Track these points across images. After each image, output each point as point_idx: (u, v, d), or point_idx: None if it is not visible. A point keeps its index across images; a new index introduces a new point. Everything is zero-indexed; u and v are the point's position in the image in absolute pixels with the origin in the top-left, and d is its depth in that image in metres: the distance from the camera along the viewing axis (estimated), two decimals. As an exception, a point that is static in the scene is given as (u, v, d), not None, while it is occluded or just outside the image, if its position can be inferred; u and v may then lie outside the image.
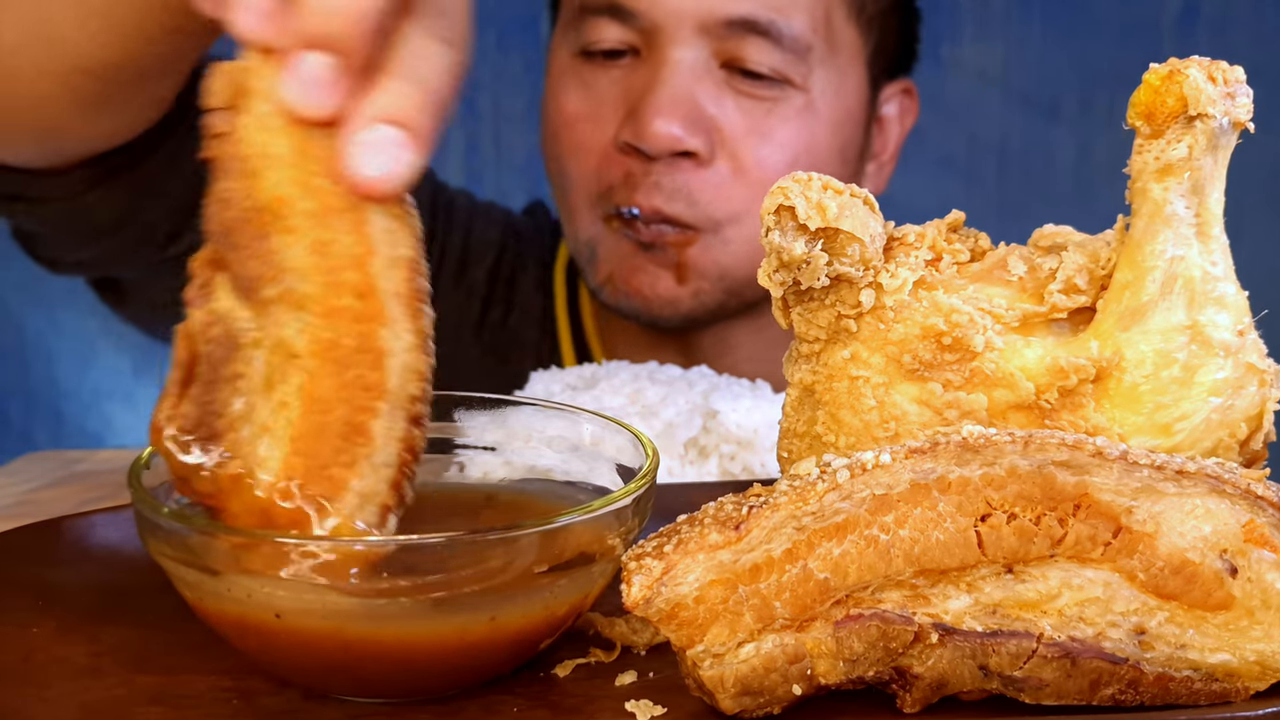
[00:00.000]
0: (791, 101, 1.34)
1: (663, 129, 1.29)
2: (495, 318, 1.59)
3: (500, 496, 0.80)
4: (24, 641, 0.72)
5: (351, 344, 0.62)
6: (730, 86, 1.33)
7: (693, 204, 1.32)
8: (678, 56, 1.30)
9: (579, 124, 1.37)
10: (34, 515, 1.01)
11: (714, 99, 1.32)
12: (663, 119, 1.29)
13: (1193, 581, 0.64)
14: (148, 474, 0.71)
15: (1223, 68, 0.69)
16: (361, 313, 0.62)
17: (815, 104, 1.35)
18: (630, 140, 1.32)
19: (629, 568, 0.64)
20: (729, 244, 1.35)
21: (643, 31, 1.32)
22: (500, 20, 2.60)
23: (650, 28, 1.31)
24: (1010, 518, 0.64)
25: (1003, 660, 0.64)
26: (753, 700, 0.64)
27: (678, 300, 1.37)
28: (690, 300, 1.38)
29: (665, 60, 1.31)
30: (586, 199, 1.38)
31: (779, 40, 1.31)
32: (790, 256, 0.70)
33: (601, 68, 1.36)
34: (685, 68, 1.31)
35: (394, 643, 0.65)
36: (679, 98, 1.30)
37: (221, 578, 0.64)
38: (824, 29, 1.35)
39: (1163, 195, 0.70)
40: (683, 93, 1.30)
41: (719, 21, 1.30)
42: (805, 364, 0.75)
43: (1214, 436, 0.71)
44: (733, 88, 1.33)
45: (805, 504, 0.64)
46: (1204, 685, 0.65)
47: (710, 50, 1.31)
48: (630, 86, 1.34)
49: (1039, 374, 0.71)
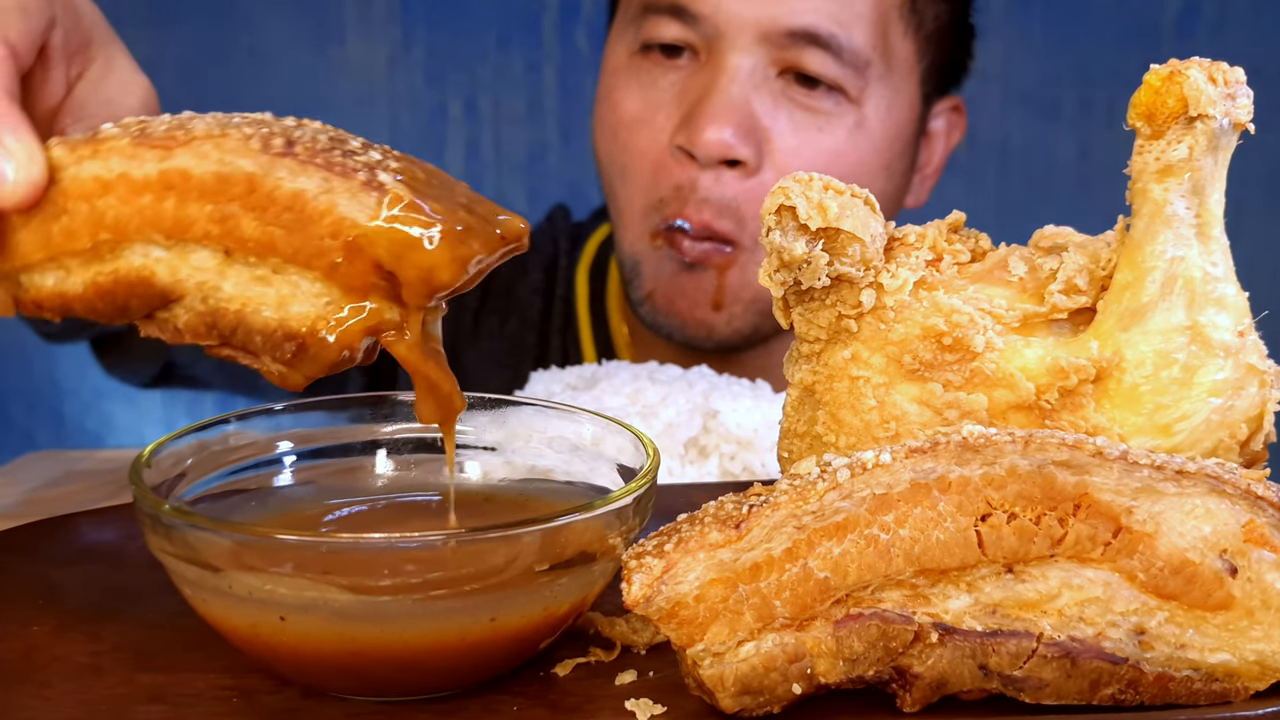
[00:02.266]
0: (844, 117, 1.34)
1: (714, 136, 1.29)
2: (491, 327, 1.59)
3: (500, 496, 0.80)
4: (25, 639, 0.72)
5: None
6: (786, 96, 1.33)
7: (739, 219, 1.33)
8: (736, 63, 1.31)
9: (636, 126, 1.38)
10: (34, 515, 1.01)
11: (769, 108, 1.32)
12: (716, 125, 1.29)
13: (1193, 581, 0.64)
14: (149, 472, 0.71)
15: (1223, 69, 0.69)
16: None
17: (867, 120, 1.36)
18: (683, 145, 1.33)
19: (629, 566, 0.64)
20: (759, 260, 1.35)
21: (704, 35, 1.33)
22: (500, 21, 2.60)
23: (712, 32, 1.32)
24: (1010, 517, 0.64)
25: (1003, 660, 0.64)
26: (753, 699, 0.64)
27: (713, 326, 1.39)
28: (724, 328, 1.39)
29: (724, 66, 1.31)
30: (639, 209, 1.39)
31: (839, 53, 1.32)
32: (791, 256, 0.70)
33: (659, 66, 1.36)
34: (744, 75, 1.31)
35: (394, 642, 0.65)
36: (734, 104, 1.30)
37: (222, 574, 0.64)
38: (882, 44, 1.35)
39: (1163, 196, 0.70)
40: (738, 100, 1.31)
41: (781, 31, 1.30)
42: (806, 364, 0.75)
43: (1214, 437, 0.71)
44: (788, 97, 1.33)
45: (805, 503, 0.64)
46: (1204, 685, 0.65)
47: (769, 58, 1.32)
48: (687, 89, 1.34)
49: (1039, 374, 0.71)
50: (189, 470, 0.75)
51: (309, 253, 0.66)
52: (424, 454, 0.82)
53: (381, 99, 2.64)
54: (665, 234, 1.36)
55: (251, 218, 0.66)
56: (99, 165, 0.67)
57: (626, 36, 1.40)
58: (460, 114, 2.65)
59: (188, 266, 0.68)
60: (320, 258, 0.66)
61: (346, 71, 2.64)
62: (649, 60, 1.37)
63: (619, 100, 1.39)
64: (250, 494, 0.78)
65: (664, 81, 1.36)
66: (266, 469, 0.79)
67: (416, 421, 0.77)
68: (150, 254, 0.68)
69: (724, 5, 1.30)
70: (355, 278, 0.66)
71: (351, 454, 0.81)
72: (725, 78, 1.31)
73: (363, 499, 0.79)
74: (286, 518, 0.77)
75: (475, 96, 2.64)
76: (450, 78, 2.64)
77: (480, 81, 2.63)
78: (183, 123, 0.68)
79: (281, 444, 0.80)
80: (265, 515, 0.77)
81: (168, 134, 0.67)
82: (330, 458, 0.81)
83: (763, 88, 1.32)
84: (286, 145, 0.66)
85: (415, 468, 0.82)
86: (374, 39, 2.63)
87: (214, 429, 0.77)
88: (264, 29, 2.63)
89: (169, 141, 0.67)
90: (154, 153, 0.67)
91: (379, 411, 0.82)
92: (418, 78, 2.65)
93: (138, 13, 2.62)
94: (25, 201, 0.68)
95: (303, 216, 0.66)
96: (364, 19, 2.63)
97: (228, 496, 0.77)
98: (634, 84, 1.38)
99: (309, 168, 0.66)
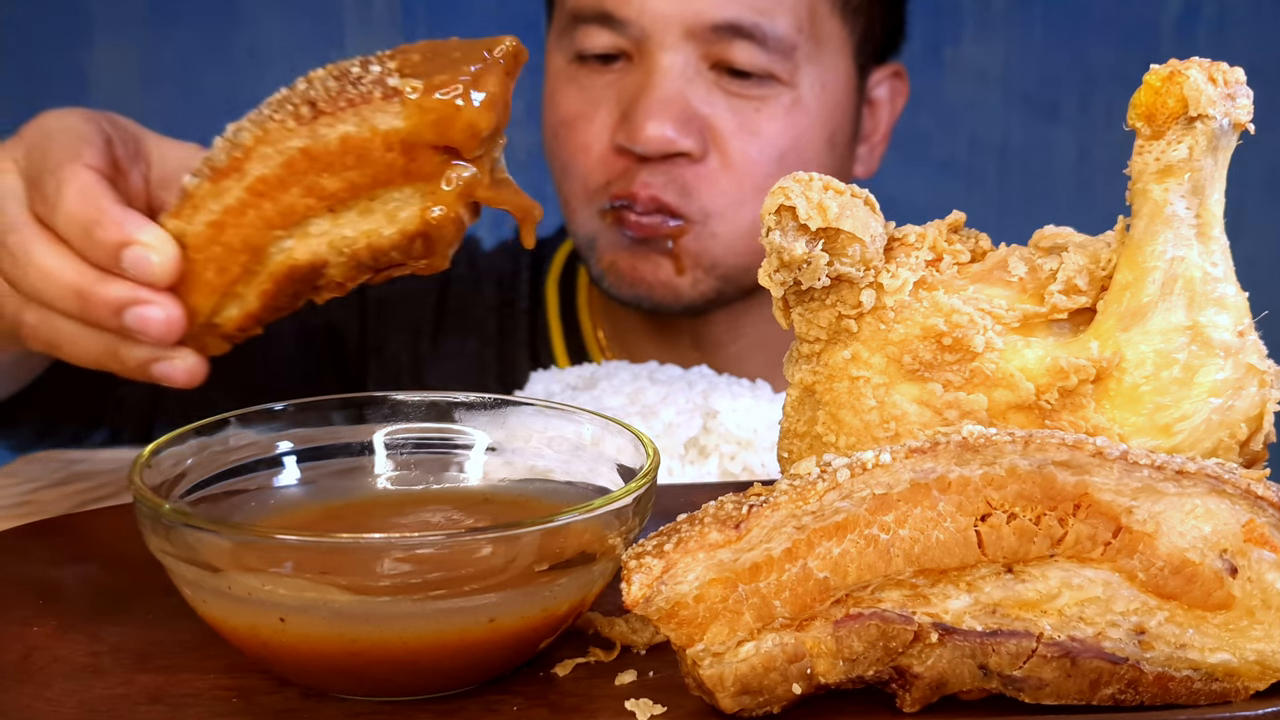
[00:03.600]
0: (780, 99, 1.37)
1: (655, 131, 1.32)
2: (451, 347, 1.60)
3: (500, 496, 0.80)
4: (24, 640, 0.72)
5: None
6: (720, 87, 1.36)
7: (686, 195, 1.36)
8: (667, 61, 1.34)
9: (576, 123, 1.41)
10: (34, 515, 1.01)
11: (705, 99, 1.35)
12: (655, 121, 1.32)
13: (1193, 581, 0.64)
14: (148, 472, 0.71)
15: (1223, 69, 0.69)
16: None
17: (803, 99, 1.39)
18: (624, 143, 1.35)
19: (629, 566, 0.64)
20: (716, 236, 1.38)
21: (632, 38, 1.36)
22: (500, 22, 2.60)
23: (639, 35, 1.35)
24: (1010, 517, 0.64)
25: (1002, 660, 0.64)
26: (752, 699, 0.64)
27: (678, 288, 1.41)
28: (690, 290, 1.41)
29: (655, 65, 1.34)
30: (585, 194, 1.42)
31: (764, 42, 1.34)
32: (791, 256, 0.70)
33: (596, 72, 1.40)
34: (675, 71, 1.34)
35: (394, 642, 0.65)
36: (670, 99, 1.33)
37: (222, 575, 0.64)
38: (809, 26, 1.38)
39: (1163, 196, 0.70)
40: (673, 94, 1.34)
41: (705, 26, 1.33)
42: (806, 364, 0.75)
43: (1214, 437, 0.71)
44: (722, 88, 1.36)
45: (805, 503, 0.64)
46: (1204, 685, 0.65)
47: (699, 53, 1.35)
48: (623, 90, 1.37)
49: (1039, 374, 0.71)
50: (189, 470, 0.75)
51: (383, 173, 0.79)
52: (424, 454, 0.82)
53: (381, 99, 2.64)
54: (613, 213, 1.38)
55: (328, 176, 0.79)
56: (203, 214, 0.81)
57: (562, 45, 1.43)
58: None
59: (312, 238, 0.81)
60: (392, 170, 0.79)
61: (346, 72, 2.64)
62: (586, 68, 1.40)
63: (559, 102, 1.43)
64: (250, 494, 0.78)
65: (600, 83, 1.39)
66: (266, 469, 0.79)
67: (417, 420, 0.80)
68: (282, 247, 0.81)
69: (648, 7, 1.33)
70: (425, 167, 0.79)
71: (351, 454, 0.81)
72: (658, 75, 1.34)
73: (362, 499, 0.79)
74: (286, 518, 0.77)
75: (475, 97, 2.64)
76: (450, 78, 2.64)
77: (480, 82, 2.63)
78: (232, 140, 0.80)
79: (281, 444, 0.80)
80: (265, 515, 0.77)
81: (229, 157, 0.80)
82: (330, 458, 0.81)
83: (696, 80, 1.35)
84: (311, 109, 0.78)
85: (415, 468, 0.82)
86: (374, 40, 2.63)
87: (214, 429, 0.77)
88: (263, 30, 2.63)
89: (235, 163, 0.80)
90: (230, 179, 0.80)
91: (379, 411, 0.82)
92: (418, 78, 2.65)
93: (137, 13, 2.62)
94: (175, 275, 0.81)
95: (360, 152, 0.78)
96: (364, 20, 2.63)
97: (228, 497, 0.77)
98: (572, 87, 1.41)
99: (338, 115, 0.78)
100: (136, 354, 0.85)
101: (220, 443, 0.77)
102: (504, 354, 1.61)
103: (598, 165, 1.39)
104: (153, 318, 0.81)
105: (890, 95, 1.55)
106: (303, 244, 0.81)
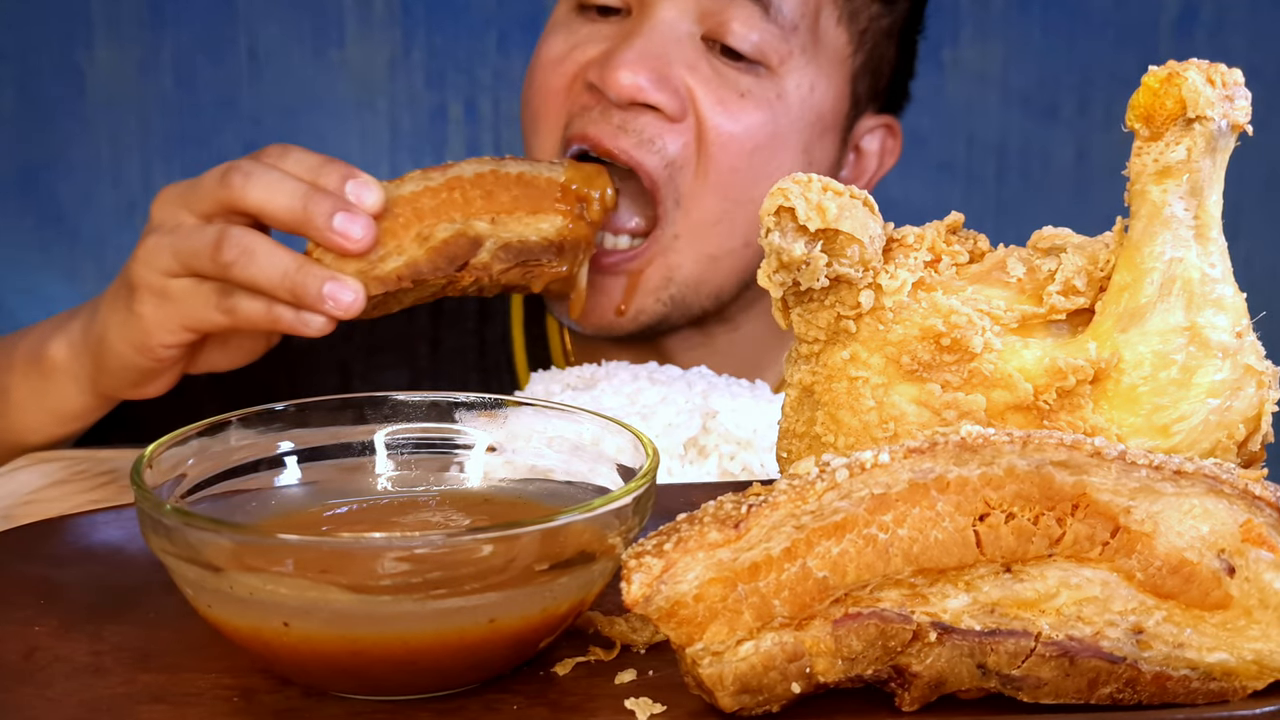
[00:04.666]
0: (765, 89, 1.32)
1: (627, 78, 1.26)
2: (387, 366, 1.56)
3: (500, 496, 0.80)
4: (26, 640, 0.72)
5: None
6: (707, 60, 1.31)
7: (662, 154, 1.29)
8: (663, 15, 1.29)
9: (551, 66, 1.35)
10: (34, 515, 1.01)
11: (690, 64, 1.30)
12: (629, 69, 1.27)
13: (1190, 581, 0.64)
14: (150, 472, 0.71)
15: (1221, 70, 0.69)
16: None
17: (788, 94, 1.33)
18: (594, 81, 1.29)
19: (629, 565, 0.64)
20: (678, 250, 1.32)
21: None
22: (500, 22, 2.60)
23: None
24: (1008, 517, 0.64)
25: (1001, 659, 0.64)
26: (752, 698, 0.64)
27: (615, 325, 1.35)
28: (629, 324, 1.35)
29: (649, 15, 1.29)
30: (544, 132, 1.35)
31: (767, 8, 1.30)
32: (790, 257, 0.70)
33: (591, 22, 1.34)
34: (667, 26, 1.29)
35: (394, 641, 0.65)
36: (651, 52, 1.28)
37: (223, 575, 0.64)
38: (812, 18, 1.34)
39: (1161, 197, 0.70)
40: (656, 48, 1.28)
41: None
42: (804, 364, 0.75)
43: (1212, 438, 0.71)
44: (710, 62, 1.31)
45: (804, 503, 0.64)
46: (1201, 684, 0.65)
47: (695, 16, 1.30)
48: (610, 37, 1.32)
49: (1037, 375, 0.71)
50: (190, 471, 0.75)
51: (540, 201, 1.17)
52: (424, 454, 0.82)
53: (381, 100, 2.64)
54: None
55: (502, 191, 1.16)
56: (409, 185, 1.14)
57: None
58: (460, 115, 2.65)
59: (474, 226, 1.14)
60: (547, 200, 1.17)
61: (346, 73, 2.64)
62: (583, 17, 1.35)
63: (544, 48, 1.37)
64: (251, 494, 0.78)
65: (591, 30, 1.34)
66: (267, 469, 0.79)
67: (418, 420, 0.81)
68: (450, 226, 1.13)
69: None
70: (567, 205, 1.18)
71: (351, 454, 0.81)
72: (648, 24, 1.29)
73: (363, 499, 0.79)
74: (287, 518, 0.77)
75: (475, 98, 2.64)
76: (450, 79, 2.64)
77: (480, 83, 2.63)
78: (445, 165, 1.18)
79: (282, 444, 0.80)
80: (266, 515, 0.77)
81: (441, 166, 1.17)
82: (330, 458, 0.81)
83: (685, 43, 1.30)
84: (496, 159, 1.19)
85: (415, 468, 0.82)
86: (373, 41, 2.63)
87: (215, 430, 0.77)
88: (263, 31, 2.63)
89: (444, 167, 1.16)
90: (436, 171, 1.15)
91: (379, 412, 0.82)
92: (417, 79, 2.65)
93: (136, 13, 2.62)
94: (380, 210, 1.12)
95: (528, 184, 1.17)
96: (363, 21, 2.63)
97: (228, 497, 0.77)
98: (562, 32, 1.36)
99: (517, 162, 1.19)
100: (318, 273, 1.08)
101: (221, 443, 0.77)
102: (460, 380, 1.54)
103: (561, 97, 1.33)
104: (357, 223, 1.08)
105: (880, 150, 1.49)
106: (467, 225, 1.13)
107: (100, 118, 2.66)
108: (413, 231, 1.12)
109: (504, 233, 1.14)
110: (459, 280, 1.14)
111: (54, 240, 2.71)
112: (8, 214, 2.70)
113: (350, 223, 1.09)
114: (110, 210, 2.69)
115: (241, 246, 1.09)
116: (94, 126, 2.66)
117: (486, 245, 1.14)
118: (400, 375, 1.53)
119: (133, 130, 2.66)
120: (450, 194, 1.14)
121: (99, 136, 2.67)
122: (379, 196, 1.11)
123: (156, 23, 2.63)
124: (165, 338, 1.16)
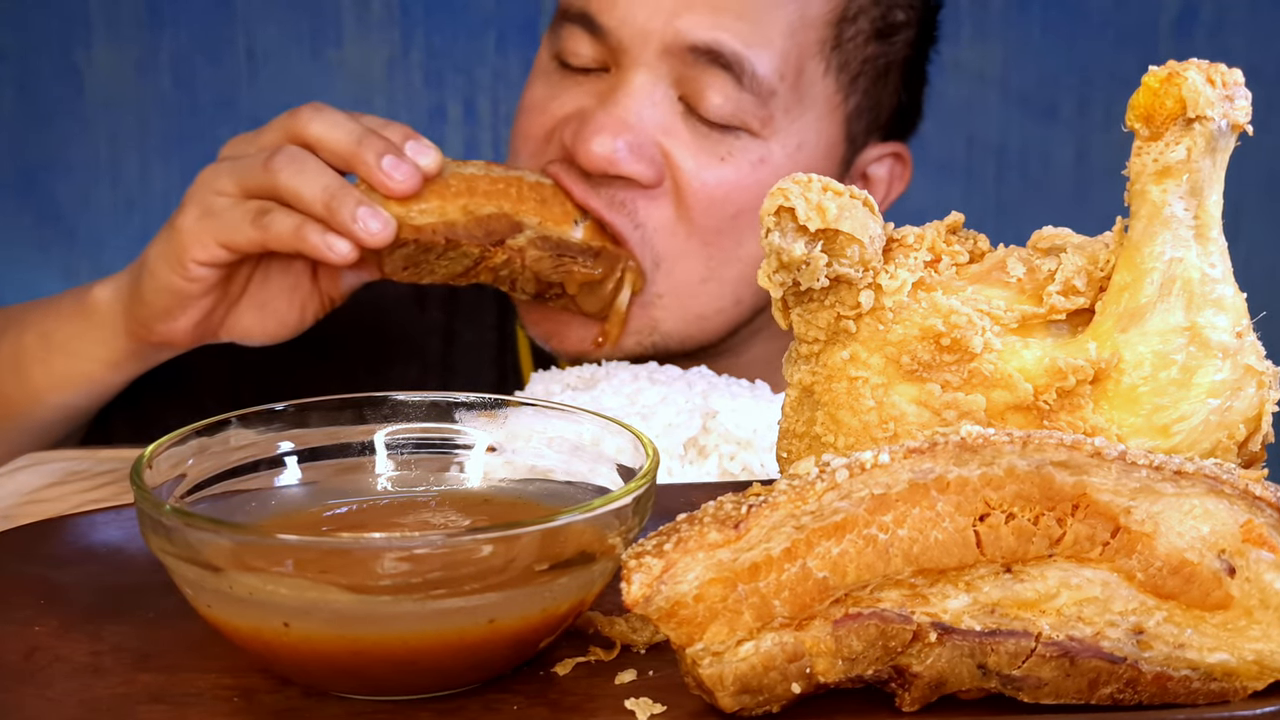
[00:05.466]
0: (747, 152, 1.29)
1: (601, 147, 1.24)
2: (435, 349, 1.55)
3: (500, 497, 0.80)
4: (26, 640, 0.72)
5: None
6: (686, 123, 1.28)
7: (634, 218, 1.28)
8: (639, 80, 1.26)
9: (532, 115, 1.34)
10: (34, 515, 1.01)
11: (665, 128, 1.27)
12: (604, 135, 1.24)
13: (1191, 581, 0.64)
14: (149, 472, 0.71)
15: (1221, 70, 0.69)
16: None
17: (773, 156, 1.30)
18: (567, 144, 1.27)
19: (629, 565, 0.64)
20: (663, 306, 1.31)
21: (610, 49, 1.28)
22: (500, 23, 2.60)
23: (617, 46, 1.27)
24: (1009, 517, 0.64)
25: (1001, 659, 0.64)
26: (752, 698, 0.64)
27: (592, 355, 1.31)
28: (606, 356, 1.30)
29: (625, 80, 1.27)
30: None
31: (740, 78, 1.26)
32: (790, 257, 0.70)
33: (570, 75, 1.32)
34: (644, 93, 1.26)
35: (394, 641, 0.65)
36: (629, 121, 1.25)
37: (223, 575, 0.64)
38: (793, 76, 1.29)
39: (1161, 197, 0.70)
40: (632, 115, 1.26)
41: (684, 46, 1.25)
42: (804, 364, 0.75)
43: (1212, 438, 0.71)
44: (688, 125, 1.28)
45: (804, 503, 0.64)
46: (1202, 685, 0.65)
47: (672, 78, 1.27)
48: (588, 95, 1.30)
49: (1037, 375, 0.71)
50: (189, 471, 0.75)
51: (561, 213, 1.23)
52: (424, 454, 0.82)
53: (380, 100, 2.64)
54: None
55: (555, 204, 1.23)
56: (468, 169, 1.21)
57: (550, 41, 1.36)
58: (459, 115, 2.65)
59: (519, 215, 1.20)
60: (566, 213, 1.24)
61: (344, 73, 2.64)
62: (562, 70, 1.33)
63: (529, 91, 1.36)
64: (250, 494, 0.78)
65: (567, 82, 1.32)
66: (266, 469, 0.79)
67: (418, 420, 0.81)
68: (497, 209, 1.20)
69: (629, 18, 1.26)
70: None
71: (351, 454, 0.81)
72: (624, 90, 1.26)
73: (362, 499, 0.79)
74: (287, 518, 0.77)
75: (474, 98, 2.64)
76: (449, 79, 2.64)
77: (479, 83, 2.63)
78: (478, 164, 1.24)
79: (281, 444, 0.80)
80: (265, 515, 0.77)
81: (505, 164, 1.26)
82: (330, 458, 0.81)
83: (663, 106, 1.27)
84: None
85: (415, 468, 0.82)
86: (372, 40, 2.63)
87: (215, 430, 0.77)
88: (261, 31, 2.63)
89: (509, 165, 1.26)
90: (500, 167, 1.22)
91: (379, 412, 0.82)
92: (416, 79, 2.65)
93: (134, 13, 2.62)
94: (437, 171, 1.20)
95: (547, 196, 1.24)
96: (362, 20, 2.63)
97: (228, 497, 0.77)
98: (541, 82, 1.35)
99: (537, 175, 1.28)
100: (356, 195, 1.14)
101: (221, 443, 0.77)
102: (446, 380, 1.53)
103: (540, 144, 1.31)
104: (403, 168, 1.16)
105: (889, 177, 1.45)
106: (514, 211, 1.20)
107: (99, 118, 2.66)
108: (460, 201, 1.17)
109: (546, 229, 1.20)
110: (492, 257, 1.19)
111: (52, 240, 2.71)
112: (6, 213, 2.70)
113: (397, 166, 1.15)
114: (108, 210, 2.69)
115: (292, 156, 1.16)
116: (92, 126, 2.66)
117: (526, 232, 1.19)
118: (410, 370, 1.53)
119: (131, 130, 2.66)
120: (507, 187, 1.20)
121: (97, 136, 2.67)
122: (435, 160, 1.17)
123: (155, 23, 2.63)
124: (199, 253, 1.19)
